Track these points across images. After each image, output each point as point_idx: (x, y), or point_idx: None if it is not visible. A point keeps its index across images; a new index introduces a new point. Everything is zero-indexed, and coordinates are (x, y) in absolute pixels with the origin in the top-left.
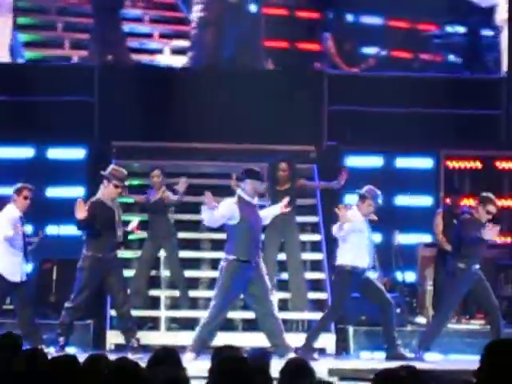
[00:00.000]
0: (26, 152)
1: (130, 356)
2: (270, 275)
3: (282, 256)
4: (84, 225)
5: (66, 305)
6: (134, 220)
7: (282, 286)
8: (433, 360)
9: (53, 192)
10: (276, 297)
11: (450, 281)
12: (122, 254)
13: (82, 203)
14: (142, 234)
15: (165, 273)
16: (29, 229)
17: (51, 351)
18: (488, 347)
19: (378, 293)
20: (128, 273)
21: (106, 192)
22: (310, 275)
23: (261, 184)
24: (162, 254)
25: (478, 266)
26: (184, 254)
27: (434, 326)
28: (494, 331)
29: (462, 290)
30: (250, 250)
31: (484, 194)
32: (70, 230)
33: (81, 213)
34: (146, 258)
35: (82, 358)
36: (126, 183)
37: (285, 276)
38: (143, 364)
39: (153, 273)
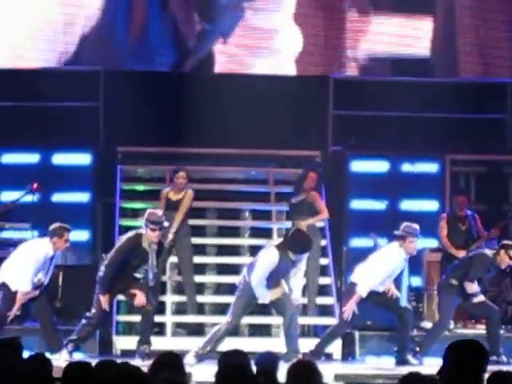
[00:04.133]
0: (31, 158)
1: (140, 362)
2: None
3: None
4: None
5: (85, 320)
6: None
7: None
8: (437, 364)
9: (58, 197)
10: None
11: (444, 293)
12: None
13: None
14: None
15: (172, 277)
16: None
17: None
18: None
19: (392, 300)
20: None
21: (145, 235)
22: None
23: (299, 256)
24: (170, 259)
25: None
26: None
27: (432, 334)
28: (490, 336)
29: (453, 303)
30: (268, 287)
31: (507, 242)
32: (75, 235)
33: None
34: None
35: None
36: (165, 224)
37: None
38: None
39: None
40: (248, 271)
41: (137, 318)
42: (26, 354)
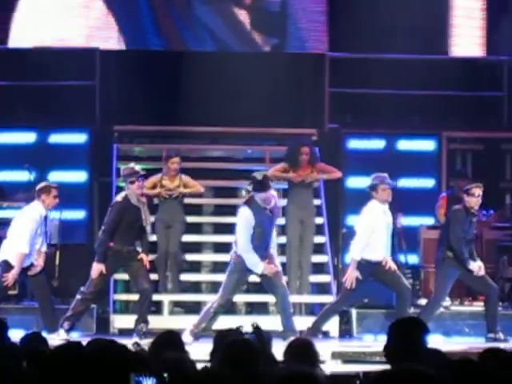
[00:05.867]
0: (27, 137)
1: (138, 340)
2: (292, 258)
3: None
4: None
5: (80, 295)
6: None
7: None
8: (435, 342)
9: (55, 176)
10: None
11: (440, 267)
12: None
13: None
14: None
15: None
16: None
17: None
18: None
19: (392, 277)
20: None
21: (129, 193)
22: (314, 258)
23: (263, 194)
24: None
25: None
26: (187, 237)
27: (427, 310)
28: (488, 314)
29: (451, 277)
30: (259, 252)
31: (467, 187)
32: (72, 214)
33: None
34: (163, 243)
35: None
36: (141, 172)
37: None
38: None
39: (153, 257)
40: (235, 244)
41: (134, 297)
42: (22, 333)
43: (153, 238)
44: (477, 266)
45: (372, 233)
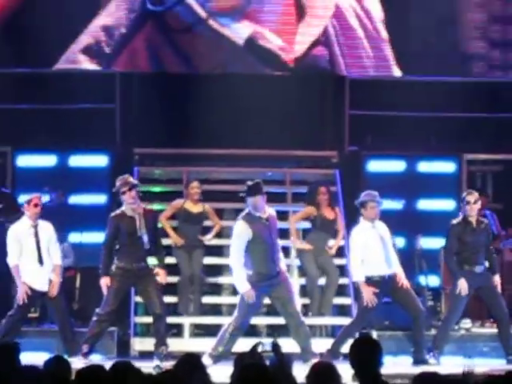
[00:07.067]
0: (48, 160)
1: (158, 363)
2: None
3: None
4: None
5: (96, 317)
6: None
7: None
8: (455, 364)
9: (75, 199)
10: (299, 302)
11: (453, 284)
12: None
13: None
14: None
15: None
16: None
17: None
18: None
19: (408, 299)
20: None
21: (125, 206)
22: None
23: (253, 199)
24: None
25: (482, 268)
26: (207, 260)
27: (442, 329)
28: (502, 335)
29: (462, 295)
30: (268, 266)
31: (463, 195)
32: (92, 237)
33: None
34: (187, 266)
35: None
36: (134, 182)
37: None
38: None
39: (174, 279)
40: None
41: None
42: (44, 356)
43: (171, 259)
44: (464, 285)
45: (365, 250)
